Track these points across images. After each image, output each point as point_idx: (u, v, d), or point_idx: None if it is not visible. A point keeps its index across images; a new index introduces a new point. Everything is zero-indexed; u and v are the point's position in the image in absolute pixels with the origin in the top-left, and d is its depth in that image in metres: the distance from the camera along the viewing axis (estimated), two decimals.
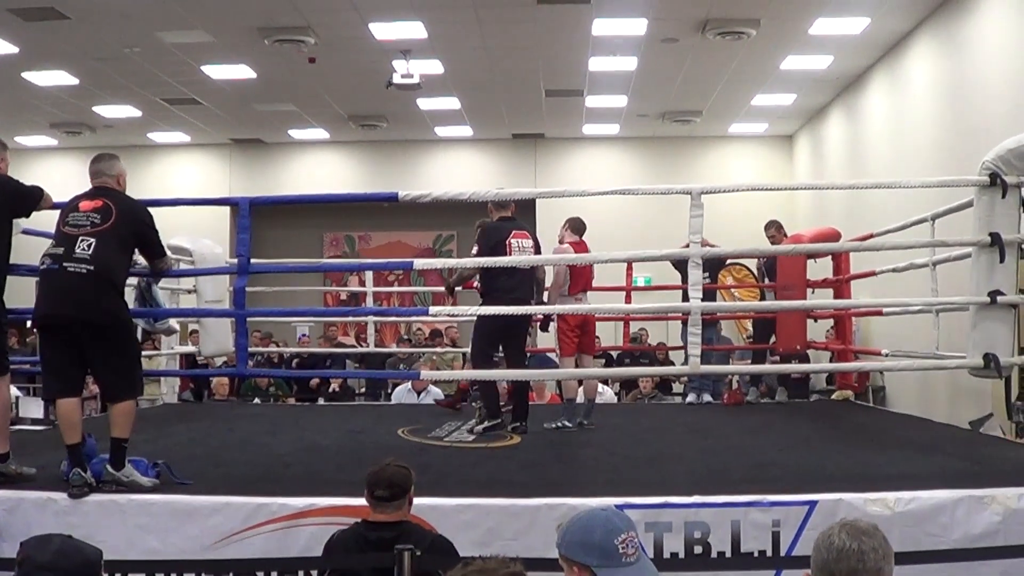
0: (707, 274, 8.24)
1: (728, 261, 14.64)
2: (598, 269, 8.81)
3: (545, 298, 8.23)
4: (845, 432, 8.21)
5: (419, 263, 7.18)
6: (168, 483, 5.34)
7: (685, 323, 10.02)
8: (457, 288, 8.09)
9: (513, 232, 7.69)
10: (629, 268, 11.54)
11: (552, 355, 9.68)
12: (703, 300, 6.64)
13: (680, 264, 10.56)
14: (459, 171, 19.03)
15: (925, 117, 12.14)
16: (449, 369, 12.40)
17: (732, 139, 19.06)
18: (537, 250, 7.85)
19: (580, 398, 8.68)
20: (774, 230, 10.61)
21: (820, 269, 10.73)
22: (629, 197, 15.34)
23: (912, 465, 6.06)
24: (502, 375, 7.45)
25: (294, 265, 12.45)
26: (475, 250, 7.65)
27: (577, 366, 8.24)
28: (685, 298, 9.31)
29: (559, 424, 8.04)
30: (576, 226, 8.47)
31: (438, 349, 13.09)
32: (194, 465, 5.87)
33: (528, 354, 12.28)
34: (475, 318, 7.68)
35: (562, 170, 19.06)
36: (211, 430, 8.33)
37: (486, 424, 7.63)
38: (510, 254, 7.51)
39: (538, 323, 8.88)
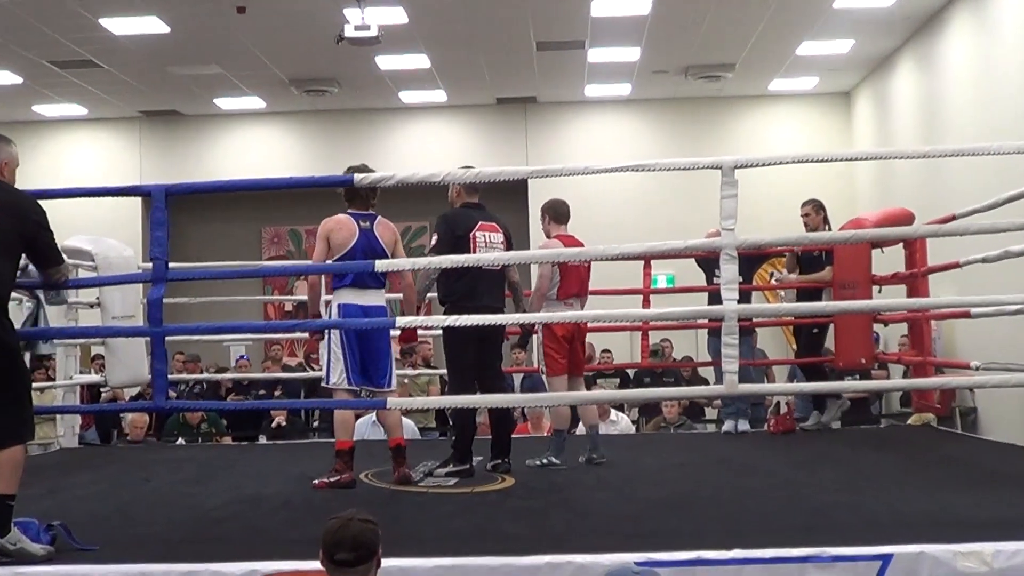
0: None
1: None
2: (608, 266, 8.75)
3: (526, 306, 8.20)
4: (926, 466, 8.22)
5: (380, 264, 7.15)
6: (66, 550, 5.29)
7: (714, 333, 10.15)
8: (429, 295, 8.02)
9: (480, 223, 7.68)
10: (647, 265, 11.53)
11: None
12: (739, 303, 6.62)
13: (706, 261, 10.59)
14: (432, 146, 19.11)
15: (1021, 65, 12.15)
16: (423, 395, 12.40)
17: (774, 98, 19.12)
18: (508, 246, 7.81)
19: (580, 429, 8.67)
20: (810, 209, 10.46)
21: (888, 261, 10.74)
22: (644, 174, 15.44)
23: (1014, 508, 6.07)
24: (484, 401, 7.42)
25: (225, 270, 12.40)
26: (434, 240, 7.63)
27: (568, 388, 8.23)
28: (713, 301, 9.32)
29: (544, 461, 8.04)
30: (558, 212, 8.37)
31: (409, 371, 13.04)
32: (101, 526, 5.85)
33: (523, 375, 12.41)
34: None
35: (560, 142, 19.10)
36: (122, 480, 8.31)
37: (451, 468, 7.61)
38: (474, 249, 7.51)
39: (515, 336, 8.78)
